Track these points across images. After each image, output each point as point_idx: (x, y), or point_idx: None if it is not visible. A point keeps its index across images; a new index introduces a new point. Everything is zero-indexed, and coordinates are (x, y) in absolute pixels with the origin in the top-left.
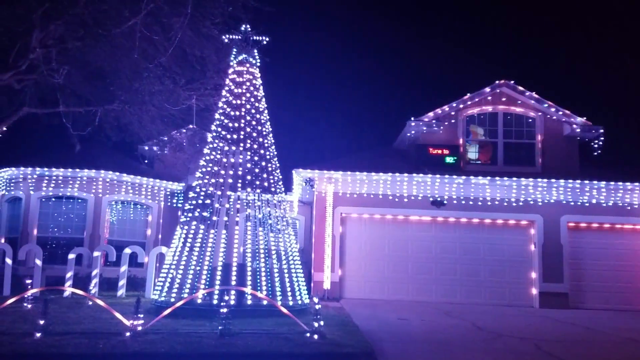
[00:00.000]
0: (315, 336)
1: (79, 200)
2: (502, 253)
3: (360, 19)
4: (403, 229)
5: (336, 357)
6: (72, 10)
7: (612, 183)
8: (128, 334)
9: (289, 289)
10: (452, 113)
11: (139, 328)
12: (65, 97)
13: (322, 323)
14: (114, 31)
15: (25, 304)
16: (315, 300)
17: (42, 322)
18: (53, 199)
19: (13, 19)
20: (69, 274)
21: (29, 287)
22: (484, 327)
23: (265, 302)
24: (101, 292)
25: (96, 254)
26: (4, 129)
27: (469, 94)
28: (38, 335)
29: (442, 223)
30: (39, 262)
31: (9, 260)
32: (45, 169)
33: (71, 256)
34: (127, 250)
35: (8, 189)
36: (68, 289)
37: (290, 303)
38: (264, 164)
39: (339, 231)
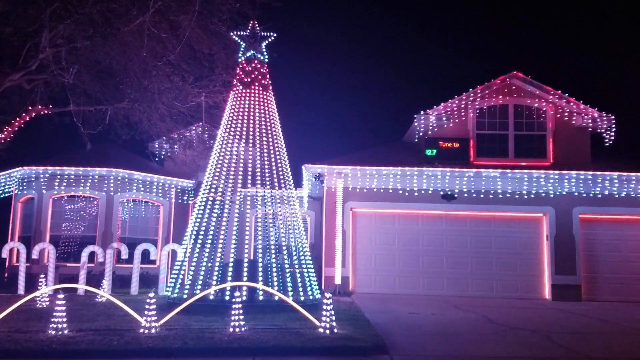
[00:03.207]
0: (327, 331)
1: (91, 199)
2: (513, 246)
3: (369, 14)
4: (414, 223)
5: (348, 350)
6: (81, 10)
7: (625, 174)
8: (141, 330)
9: (300, 285)
10: (462, 105)
11: (152, 324)
12: (76, 96)
13: (333, 318)
14: (123, 30)
15: (39, 302)
16: (327, 295)
17: (56, 319)
18: (65, 198)
19: (23, 20)
20: (82, 272)
21: (44, 285)
22: (495, 320)
23: (276, 298)
24: (114, 290)
25: (109, 251)
26: (16, 128)
27: (479, 86)
28: (52, 332)
29: (452, 217)
30: (52, 260)
31: (23, 259)
32: (57, 168)
33: (84, 254)
34: (139, 248)
35: (21, 188)
36: (81, 287)
37: (302, 298)
38: (273, 159)
39: (349, 226)
